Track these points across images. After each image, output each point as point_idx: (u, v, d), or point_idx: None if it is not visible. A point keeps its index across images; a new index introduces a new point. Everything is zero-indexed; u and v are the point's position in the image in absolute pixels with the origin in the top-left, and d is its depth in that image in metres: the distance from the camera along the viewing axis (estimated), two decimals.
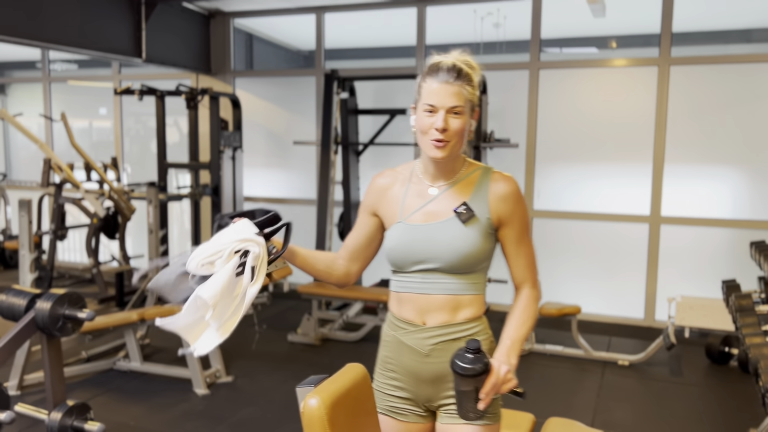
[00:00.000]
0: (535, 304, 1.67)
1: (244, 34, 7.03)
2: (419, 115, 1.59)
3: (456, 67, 1.56)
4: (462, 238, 1.59)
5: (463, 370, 1.41)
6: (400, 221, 1.66)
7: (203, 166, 6.05)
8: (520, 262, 1.67)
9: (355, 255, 1.80)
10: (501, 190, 1.63)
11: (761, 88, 5.11)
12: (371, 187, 1.77)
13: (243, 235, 1.50)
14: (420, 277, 1.64)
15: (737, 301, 4.05)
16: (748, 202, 5.24)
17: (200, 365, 3.99)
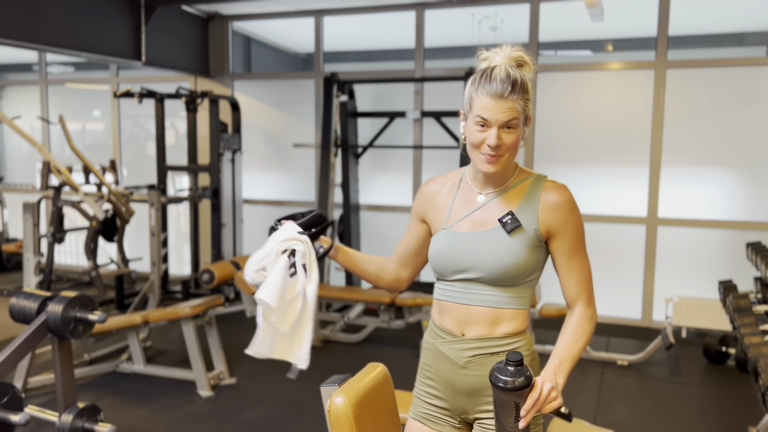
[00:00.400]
0: (589, 324, 1.57)
1: (243, 37, 7.05)
2: (470, 127, 1.53)
3: (511, 77, 1.48)
4: (505, 249, 1.53)
5: (503, 383, 1.31)
6: (445, 228, 1.64)
7: (202, 169, 6.06)
8: (572, 277, 1.57)
9: (406, 261, 1.79)
10: (551, 200, 1.55)
11: (755, 91, 5.18)
12: (420, 192, 1.75)
13: (287, 236, 1.54)
14: (461, 286, 1.60)
15: (735, 302, 4.11)
16: (744, 204, 5.31)
17: (204, 367, 4.01)
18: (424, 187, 1.75)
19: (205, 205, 6.54)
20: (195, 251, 6.36)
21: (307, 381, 4.20)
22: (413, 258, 1.78)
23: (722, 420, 3.69)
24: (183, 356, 4.56)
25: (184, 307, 4.01)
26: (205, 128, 6.40)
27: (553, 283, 5.46)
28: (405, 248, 1.79)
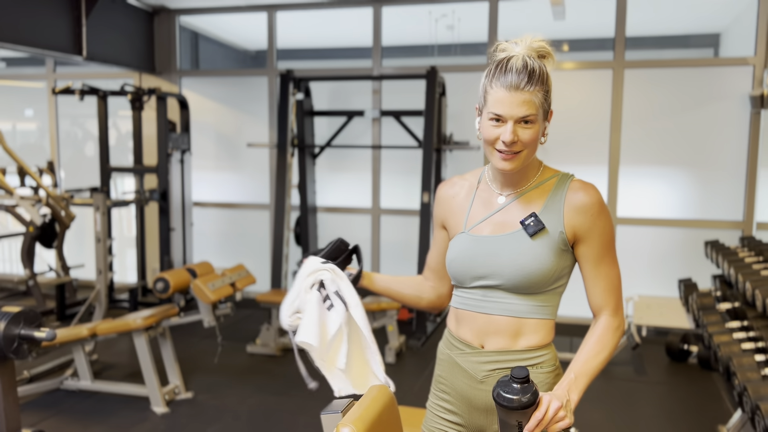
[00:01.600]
0: (614, 335, 1.44)
1: (190, 32, 6.75)
2: (484, 123, 1.41)
3: (528, 67, 1.36)
4: (528, 253, 1.41)
5: (506, 401, 1.23)
6: (464, 231, 1.51)
7: (149, 170, 5.75)
8: (599, 285, 1.45)
9: (442, 273, 1.64)
10: (578, 201, 1.43)
11: (707, 91, 5.26)
12: (437, 197, 1.62)
13: (311, 269, 1.50)
14: (480, 294, 1.47)
15: (699, 300, 4.13)
16: (698, 202, 5.39)
17: (158, 381, 3.75)
18: (440, 190, 1.63)
19: (152, 208, 6.21)
20: (141, 257, 6.04)
21: (267, 392, 4.00)
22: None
23: (691, 419, 3.69)
24: (134, 370, 4.28)
25: (136, 318, 3.74)
26: (151, 127, 6.09)
27: None
28: (437, 260, 1.65)
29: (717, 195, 5.32)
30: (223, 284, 3.98)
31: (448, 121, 5.60)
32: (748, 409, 2.79)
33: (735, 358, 3.16)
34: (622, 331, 1.47)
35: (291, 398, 3.92)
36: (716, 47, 6.03)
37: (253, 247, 6.42)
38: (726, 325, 3.70)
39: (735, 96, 5.17)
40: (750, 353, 3.22)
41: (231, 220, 6.51)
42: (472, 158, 5.73)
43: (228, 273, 4.13)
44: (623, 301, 1.49)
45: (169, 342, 3.94)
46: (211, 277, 3.92)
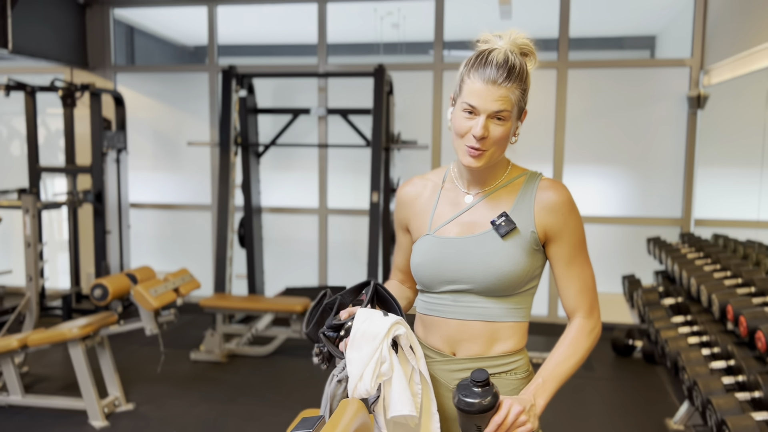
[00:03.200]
0: (587, 338, 1.40)
1: (125, 26, 6.46)
2: (457, 114, 1.35)
3: (509, 63, 1.31)
4: (500, 254, 1.36)
5: (465, 405, 1.20)
6: (429, 233, 1.44)
7: (83, 170, 5.45)
8: (572, 286, 1.41)
9: (411, 276, 1.60)
10: (549, 199, 1.39)
11: (646, 91, 5.40)
12: (399, 199, 1.54)
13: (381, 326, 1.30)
14: (451, 298, 1.40)
15: (645, 296, 4.22)
16: (640, 200, 5.52)
17: (96, 394, 3.54)
18: (401, 191, 1.54)
19: (86, 210, 5.91)
20: (75, 262, 5.73)
21: (213, 401, 3.85)
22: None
23: (638, 413, 3.76)
24: (69, 382, 4.04)
25: (72, 327, 3.52)
26: (84, 125, 5.78)
27: None
28: (405, 263, 1.59)
29: (657, 193, 5.47)
30: (166, 290, 3.79)
31: (395, 120, 5.55)
32: (698, 403, 2.85)
33: (683, 353, 3.22)
34: (598, 332, 1.43)
35: (238, 406, 3.78)
36: (652, 49, 6.20)
37: (195, 250, 6.20)
38: (671, 320, 3.79)
39: (673, 96, 5.32)
40: (697, 347, 3.29)
41: (171, 221, 6.26)
42: (421, 157, 5.70)
43: (171, 278, 3.95)
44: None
45: (108, 351, 3.73)
46: (152, 283, 3.74)
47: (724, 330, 3.30)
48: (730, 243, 4.17)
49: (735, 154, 5.31)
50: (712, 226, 5.28)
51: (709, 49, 5.05)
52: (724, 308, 3.05)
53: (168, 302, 3.75)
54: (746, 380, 2.76)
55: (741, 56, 4.21)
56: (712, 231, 4.94)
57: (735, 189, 5.38)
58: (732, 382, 2.84)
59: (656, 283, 4.63)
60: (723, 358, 3.05)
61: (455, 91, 1.39)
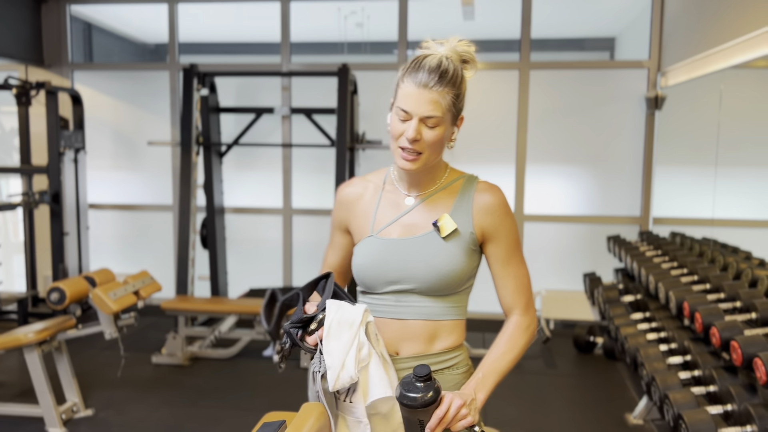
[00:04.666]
0: (524, 334, 1.46)
1: (82, 23, 6.31)
2: (393, 117, 1.40)
3: (441, 68, 1.35)
4: (442, 255, 1.41)
5: (408, 400, 1.23)
6: (371, 235, 1.46)
7: (39, 171, 5.31)
8: (508, 285, 1.47)
9: (347, 275, 1.61)
10: (486, 202, 1.46)
11: (606, 92, 5.50)
12: (338, 199, 1.56)
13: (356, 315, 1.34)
14: (393, 299, 1.44)
15: (605, 294, 4.29)
16: (600, 199, 5.61)
17: (53, 400, 3.45)
18: (342, 192, 1.55)
19: (42, 211, 5.76)
20: (31, 265, 5.58)
21: (175, 405, 3.79)
22: (349, 270, 1.59)
23: (599, 408, 3.82)
24: (25, 388, 3.93)
25: (27, 332, 3.42)
26: (40, 124, 5.63)
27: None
28: (340, 263, 1.60)
29: (616, 191, 5.57)
30: (126, 293, 3.72)
31: (360, 120, 5.54)
32: (656, 398, 2.91)
33: (642, 349, 3.29)
34: (534, 329, 1.49)
35: (201, 409, 3.73)
36: (612, 50, 6.32)
37: (156, 251, 6.10)
38: (631, 317, 3.86)
39: (632, 97, 5.43)
40: (655, 344, 3.36)
41: (131, 222, 6.14)
42: (386, 157, 5.70)
43: (131, 280, 3.87)
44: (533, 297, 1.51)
45: (66, 356, 3.64)
46: (112, 286, 3.66)
47: (681, 326, 3.39)
48: (686, 241, 4.27)
49: (691, 153, 5.44)
50: (669, 224, 5.41)
51: (666, 52, 5.17)
52: (681, 305, 3.13)
53: (128, 305, 3.68)
54: (702, 375, 2.83)
55: (696, 59, 4.32)
56: (669, 229, 5.06)
57: (691, 188, 5.52)
58: (688, 377, 2.91)
59: (616, 281, 4.72)
60: (680, 354, 3.12)
61: (393, 96, 1.42)
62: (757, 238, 5.18)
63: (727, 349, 2.58)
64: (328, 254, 1.63)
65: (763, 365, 2.23)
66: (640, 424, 3.57)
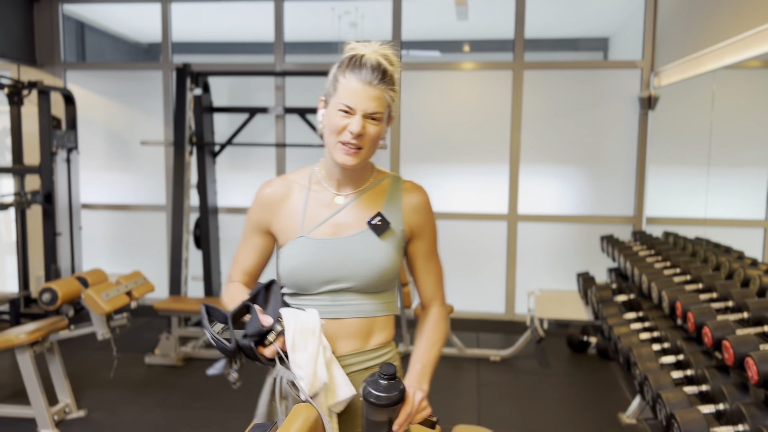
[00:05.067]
0: (445, 324, 1.56)
1: (75, 22, 6.29)
2: (332, 113, 1.41)
3: (381, 66, 1.40)
4: (378, 252, 1.45)
5: (379, 399, 1.25)
6: (302, 235, 1.46)
7: (31, 170, 5.28)
8: (430, 278, 1.56)
9: (255, 279, 1.60)
10: (414, 201, 1.52)
11: (599, 92, 5.51)
12: (259, 200, 1.53)
13: (314, 321, 1.37)
14: (329, 299, 1.46)
15: (598, 293, 4.30)
16: (593, 199, 5.62)
17: (45, 401, 3.44)
18: (262, 192, 1.53)
19: (34, 211, 5.73)
20: (23, 265, 5.55)
21: (168, 406, 3.78)
22: (260, 274, 1.61)
23: (593, 408, 3.83)
24: (17, 389, 3.91)
25: (19, 332, 3.40)
26: (33, 124, 5.60)
27: None
28: (256, 266, 1.58)
29: (610, 191, 5.58)
30: (119, 293, 3.70)
31: None
32: (649, 398, 2.92)
33: (635, 349, 3.30)
34: (449, 318, 1.62)
35: (194, 410, 3.72)
36: (605, 50, 6.34)
37: (149, 252, 6.08)
38: (624, 317, 3.87)
39: (625, 97, 5.44)
40: (648, 343, 3.37)
41: (124, 222, 6.12)
42: (379, 157, 5.70)
43: (123, 281, 3.85)
44: (526, 295, 1.57)
45: (58, 357, 3.62)
46: (104, 286, 3.64)
47: (674, 326, 3.40)
48: (679, 240, 4.28)
49: (684, 153, 5.46)
50: (662, 223, 5.43)
51: (659, 52, 5.18)
52: (674, 304, 3.14)
53: (120, 306, 3.67)
54: (694, 374, 2.84)
55: (689, 59, 4.34)
56: (662, 229, 5.07)
57: (684, 188, 5.54)
58: (681, 377, 2.92)
59: (609, 281, 4.73)
60: (672, 353, 3.13)
61: (327, 93, 1.44)
62: (750, 238, 5.20)
63: (720, 348, 2.59)
64: (240, 256, 1.59)
65: (754, 364, 2.23)
66: (633, 424, 3.58)
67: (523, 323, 5.49)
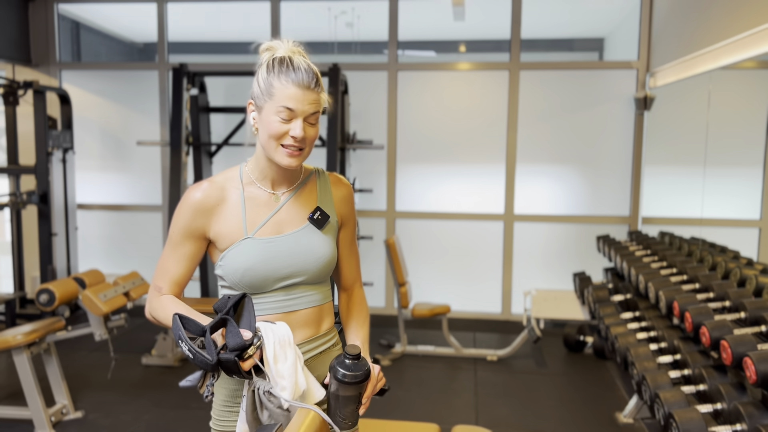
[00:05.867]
0: (366, 303, 1.70)
1: (70, 21, 6.26)
2: (269, 117, 1.41)
3: (312, 69, 1.44)
4: (323, 245, 1.53)
5: (352, 378, 1.39)
6: (248, 237, 1.47)
7: (26, 171, 5.26)
8: (352, 263, 1.67)
9: (183, 288, 1.57)
10: (343, 193, 1.63)
11: (594, 92, 5.53)
12: (191, 206, 1.47)
13: (287, 331, 1.43)
14: (283, 294, 1.50)
15: (595, 293, 4.32)
16: (589, 199, 5.64)
17: (42, 402, 3.43)
18: (195, 198, 1.48)
19: (30, 211, 5.71)
20: (19, 266, 5.52)
21: (165, 406, 3.78)
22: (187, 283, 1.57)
23: (590, 408, 3.84)
24: (13, 390, 3.90)
25: (16, 334, 3.39)
26: (28, 124, 5.58)
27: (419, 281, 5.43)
28: (185, 274, 1.53)
29: (606, 191, 5.60)
30: (116, 294, 3.70)
31: (350, 120, 5.54)
32: (647, 397, 2.93)
33: (632, 349, 3.31)
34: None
35: (191, 411, 3.72)
36: (601, 51, 6.36)
37: (146, 252, 6.06)
38: (621, 317, 3.89)
39: (621, 98, 5.46)
40: (645, 343, 3.39)
41: (121, 223, 6.10)
42: (374, 157, 5.70)
43: (121, 281, 3.84)
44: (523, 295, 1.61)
45: (55, 358, 3.61)
46: (102, 287, 3.64)
47: (671, 325, 3.41)
48: (675, 240, 4.30)
49: (680, 153, 5.49)
50: (658, 223, 5.45)
51: (655, 53, 5.20)
52: (671, 304, 3.15)
53: (118, 306, 3.66)
54: (692, 374, 2.85)
55: (685, 59, 4.35)
56: (658, 228, 5.10)
57: (680, 188, 5.56)
58: (678, 376, 2.93)
59: (606, 280, 4.75)
60: (670, 353, 3.14)
61: (257, 96, 1.44)
62: (745, 238, 5.23)
63: (717, 348, 2.60)
64: (168, 266, 1.52)
65: (752, 364, 2.25)
66: (630, 423, 3.59)
67: (520, 323, 5.51)
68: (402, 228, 5.76)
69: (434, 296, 5.59)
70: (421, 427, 2.62)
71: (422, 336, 5.12)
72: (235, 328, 1.30)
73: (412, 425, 2.66)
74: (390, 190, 5.68)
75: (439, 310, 4.60)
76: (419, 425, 2.64)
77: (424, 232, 5.77)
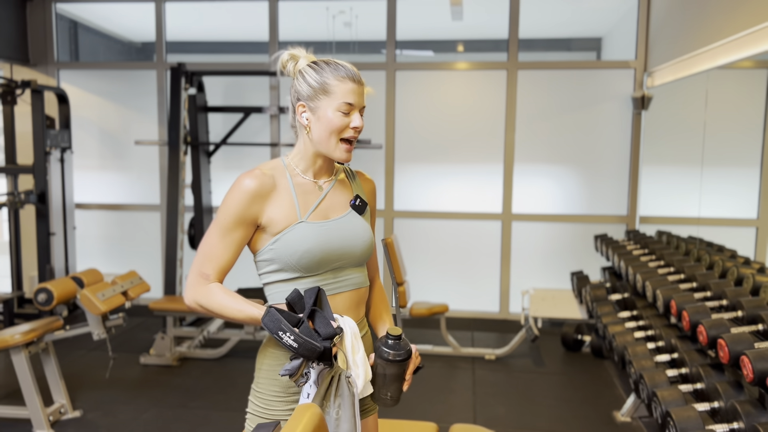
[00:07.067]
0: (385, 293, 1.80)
1: (68, 21, 6.26)
2: (328, 115, 1.52)
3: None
4: (366, 229, 1.63)
5: (399, 357, 1.48)
6: (302, 221, 1.54)
7: (24, 170, 5.27)
8: (374, 253, 1.75)
9: (227, 273, 1.59)
10: (370, 186, 1.75)
11: (592, 92, 5.54)
12: (246, 193, 1.50)
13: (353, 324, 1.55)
14: (331, 276, 1.57)
15: (593, 292, 4.33)
16: (587, 198, 5.65)
17: (40, 401, 3.43)
18: (252, 185, 1.51)
19: (28, 211, 5.71)
20: (17, 265, 5.53)
21: (164, 406, 3.78)
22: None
23: (587, 406, 3.85)
24: (12, 390, 3.90)
25: (14, 333, 3.39)
26: (26, 123, 5.58)
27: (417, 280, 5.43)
28: (231, 262, 1.56)
29: (603, 191, 5.61)
30: (115, 293, 3.70)
31: None
32: (644, 396, 2.94)
33: (629, 347, 3.32)
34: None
35: (190, 410, 3.72)
36: (598, 51, 6.36)
37: (144, 252, 6.06)
38: (618, 315, 3.90)
39: (618, 97, 5.47)
40: (642, 341, 3.40)
41: (119, 222, 6.10)
42: (373, 156, 5.70)
43: (119, 281, 3.84)
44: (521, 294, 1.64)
45: (53, 357, 3.61)
46: (100, 286, 3.63)
47: (668, 324, 3.42)
48: (673, 240, 4.31)
49: (677, 153, 5.49)
50: (656, 223, 5.46)
51: (652, 52, 5.21)
52: (668, 303, 3.16)
53: (116, 306, 3.66)
54: (689, 372, 2.86)
55: (682, 59, 4.36)
56: (656, 228, 5.11)
57: (677, 187, 5.57)
58: (676, 375, 2.94)
59: (603, 280, 4.76)
60: (667, 352, 3.15)
61: (311, 98, 1.53)
62: (742, 237, 5.24)
63: (714, 346, 2.61)
64: (216, 253, 1.53)
65: (749, 363, 2.26)
66: (627, 422, 3.60)
67: (518, 322, 5.51)
68: (400, 227, 5.77)
69: (432, 295, 5.60)
70: (419, 426, 2.63)
71: (420, 335, 5.13)
72: (325, 318, 1.43)
73: (410, 424, 2.66)
74: (388, 190, 5.69)
75: (437, 309, 4.60)
76: (417, 424, 2.64)
77: (422, 231, 5.78)
